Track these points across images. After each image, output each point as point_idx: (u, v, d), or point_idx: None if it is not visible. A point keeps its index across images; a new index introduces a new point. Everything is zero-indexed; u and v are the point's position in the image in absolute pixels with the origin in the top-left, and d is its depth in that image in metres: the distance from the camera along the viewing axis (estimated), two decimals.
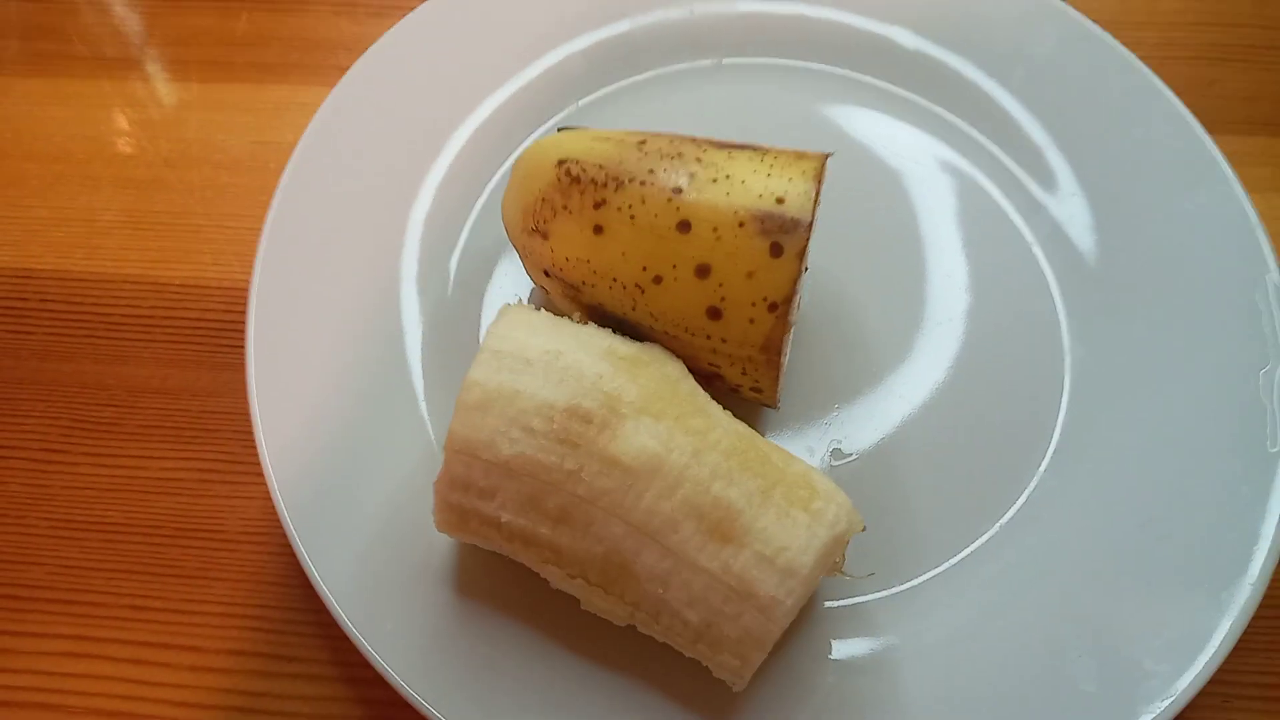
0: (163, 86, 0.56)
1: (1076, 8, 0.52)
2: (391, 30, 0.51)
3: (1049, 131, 0.50)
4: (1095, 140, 0.49)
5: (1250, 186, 0.47)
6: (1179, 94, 0.49)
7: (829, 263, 0.47)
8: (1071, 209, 0.48)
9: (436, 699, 0.36)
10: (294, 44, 0.57)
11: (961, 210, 0.49)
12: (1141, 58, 0.50)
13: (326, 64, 0.57)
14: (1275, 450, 0.41)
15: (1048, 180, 0.49)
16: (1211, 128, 0.48)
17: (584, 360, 0.36)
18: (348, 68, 0.50)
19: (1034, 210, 0.49)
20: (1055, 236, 0.48)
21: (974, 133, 0.51)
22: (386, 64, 0.50)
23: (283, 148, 0.53)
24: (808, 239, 0.36)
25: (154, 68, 0.57)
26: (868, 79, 0.52)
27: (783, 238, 0.36)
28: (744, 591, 0.33)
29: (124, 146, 0.54)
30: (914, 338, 0.46)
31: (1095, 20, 0.51)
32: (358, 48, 0.51)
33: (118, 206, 0.52)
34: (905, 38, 0.52)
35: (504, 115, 0.50)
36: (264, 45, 0.57)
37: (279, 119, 0.55)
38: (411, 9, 0.51)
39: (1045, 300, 0.47)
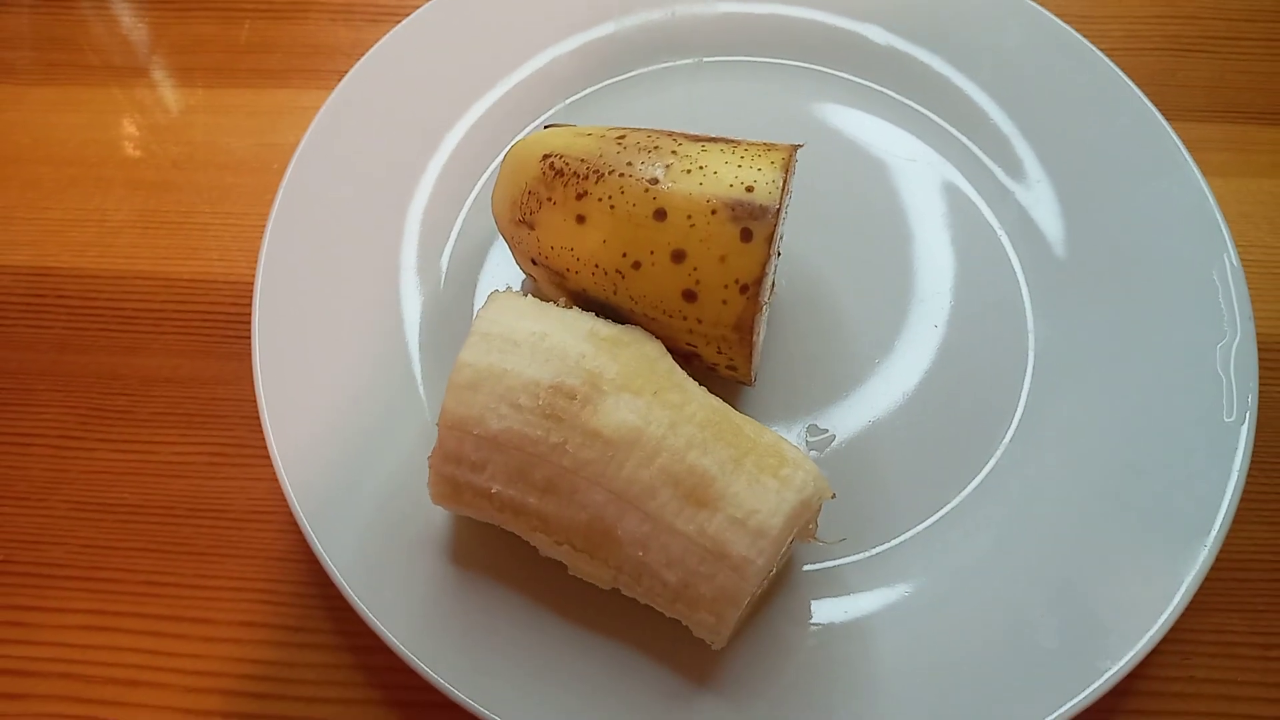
0: (170, 92, 0.58)
1: (1044, 3, 0.54)
2: (387, 36, 0.53)
3: (1016, 122, 0.52)
4: (1060, 130, 0.51)
5: (1210, 171, 0.49)
6: (1143, 84, 0.51)
7: (805, 249, 0.49)
8: (1038, 195, 0.50)
9: (435, 662, 0.38)
10: (294, 50, 0.59)
11: (933, 198, 0.51)
12: (1107, 50, 0.52)
13: (326, 69, 0.58)
14: (1231, 420, 0.43)
15: (1015, 169, 0.51)
16: (1173, 116, 0.50)
17: (568, 341, 0.38)
18: (346, 72, 0.52)
19: (1001, 197, 0.51)
20: (1022, 221, 0.50)
21: (944, 124, 0.53)
22: (383, 68, 0.52)
23: (285, 149, 0.55)
24: (776, 224, 0.38)
25: (161, 75, 0.59)
26: (842, 75, 0.54)
27: (752, 224, 0.38)
28: (718, 552, 0.35)
29: (134, 150, 0.56)
30: (887, 319, 0.48)
31: (1065, 16, 0.53)
32: (355, 53, 0.53)
33: (129, 207, 0.54)
34: (878, 34, 0.54)
35: (495, 114, 0.52)
36: (266, 52, 0.59)
37: (281, 121, 0.57)
38: (406, 15, 0.53)
39: (1011, 282, 0.49)
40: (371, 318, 0.47)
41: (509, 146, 0.51)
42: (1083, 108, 0.51)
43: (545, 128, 0.45)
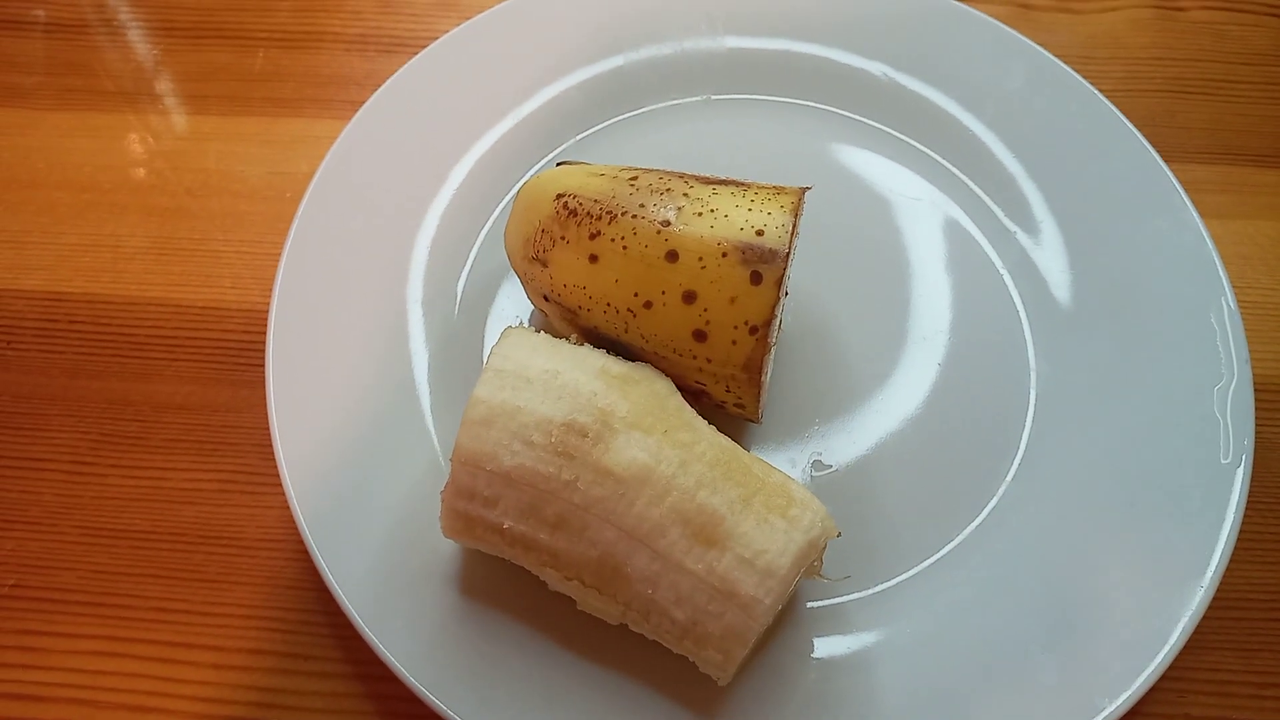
0: (184, 120, 0.59)
1: (1046, 45, 0.55)
2: (402, 69, 0.53)
3: (1018, 163, 0.53)
4: (1061, 171, 0.52)
5: (1208, 213, 0.50)
6: (1142, 125, 0.52)
7: (811, 285, 0.50)
8: (1039, 236, 0.51)
9: (443, 693, 0.39)
10: (308, 80, 0.60)
11: (937, 237, 0.52)
12: (1107, 91, 0.53)
13: (339, 99, 0.59)
14: (1227, 461, 0.43)
15: (1017, 209, 0.52)
16: (1172, 157, 0.51)
17: (580, 379, 0.39)
18: (359, 102, 0.52)
19: (1003, 237, 0.52)
20: (1023, 261, 0.51)
21: (948, 165, 0.54)
22: (398, 100, 0.53)
23: (298, 178, 0.56)
24: (785, 268, 0.39)
25: (176, 102, 0.60)
26: (848, 114, 0.55)
27: (762, 267, 0.39)
28: (726, 591, 0.36)
29: (148, 176, 0.57)
30: (891, 357, 0.49)
31: (1064, 57, 0.54)
32: (368, 84, 0.54)
33: (142, 233, 0.55)
34: (884, 74, 0.55)
35: (507, 149, 0.53)
36: (280, 81, 0.60)
37: (294, 150, 0.57)
38: (420, 48, 0.54)
39: (1013, 322, 0.49)
40: (384, 349, 0.47)
41: (521, 182, 0.52)
42: (1083, 149, 0.52)
43: (558, 164, 0.46)
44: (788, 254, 0.39)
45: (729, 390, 0.41)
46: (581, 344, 0.41)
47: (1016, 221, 0.52)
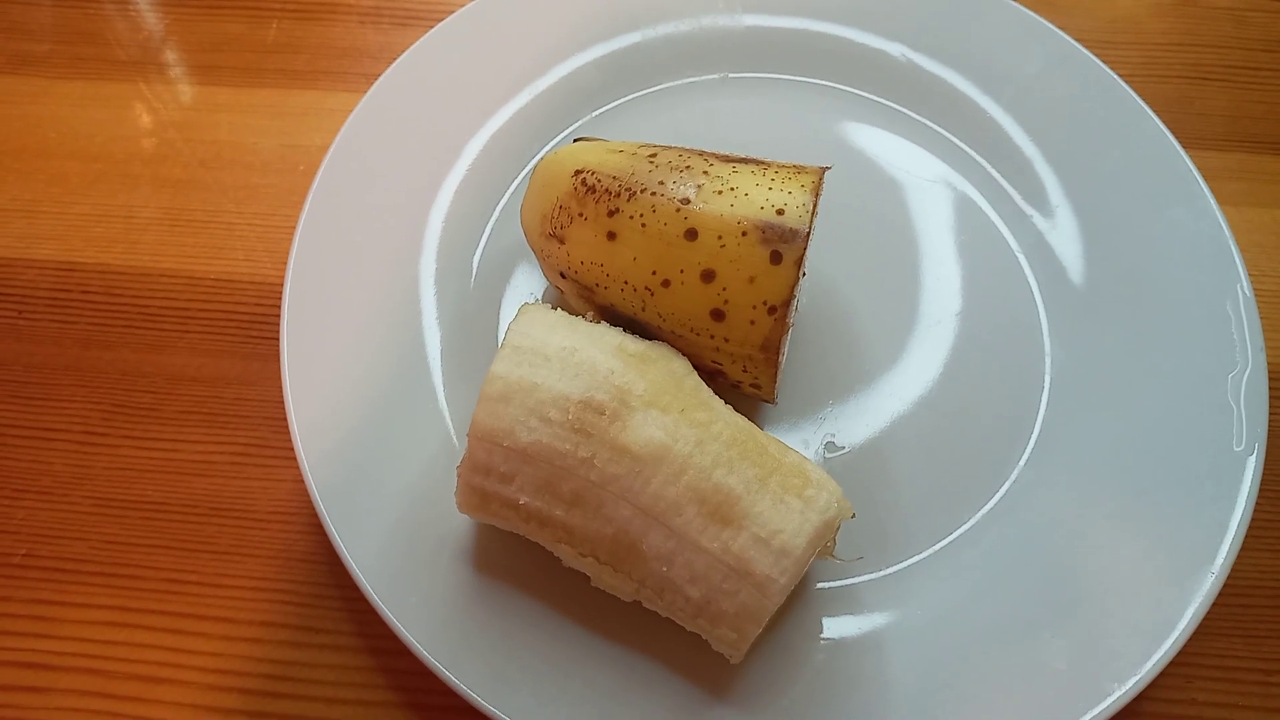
0: (197, 90, 0.59)
1: (1066, 29, 0.54)
2: (418, 42, 0.53)
3: (1035, 147, 0.52)
4: (1079, 155, 0.52)
5: (1225, 200, 0.50)
6: (1161, 111, 0.52)
7: (827, 267, 0.50)
8: (1055, 220, 0.51)
9: (456, 668, 0.39)
10: (322, 52, 0.60)
11: (953, 220, 0.52)
12: (1126, 76, 0.53)
13: (353, 71, 0.59)
14: (1240, 449, 0.43)
15: (1034, 193, 0.52)
16: (1190, 144, 0.51)
17: (597, 356, 0.39)
18: (373, 75, 0.52)
19: (1020, 221, 0.51)
20: (1039, 245, 0.50)
21: (965, 147, 0.54)
22: (412, 74, 0.52)
23: (311, 150, 0.56)
24: (805, 248, 0.39)
25: (188, 72, 0.59)
26: (866, 94, 0.55)
27: (782, 246, 0.38)
28: (741, 570, 0.36)
29: (160, 147, 0.56)
30: (905, 338, 0.49)
31: (1084, 41, 0.54)
32: (382, 56, 0.54)
33: (155, 204, 0.54)
34: (902, 54, 0.55)
35: (522, 125, 0.53)
36: (293, 52, 0.60)
37: (307, 123, 0.57)
38: (434, 21, 0.54)
39: (1029, 306, 0.49)
40: (398, 323, 0.47)
41: (537, 158, 0.52)
42: (1102, 134, 0.52)
43: (575, 140, 0.45)
44: (808, 234, 0.39)
45: (746, 370, 0.41)
46: (598, 322, 0.41)
47: (1033, 205, 0.51)
